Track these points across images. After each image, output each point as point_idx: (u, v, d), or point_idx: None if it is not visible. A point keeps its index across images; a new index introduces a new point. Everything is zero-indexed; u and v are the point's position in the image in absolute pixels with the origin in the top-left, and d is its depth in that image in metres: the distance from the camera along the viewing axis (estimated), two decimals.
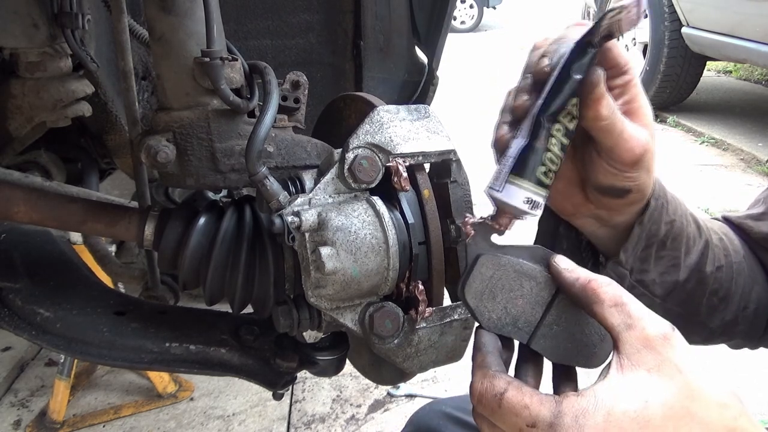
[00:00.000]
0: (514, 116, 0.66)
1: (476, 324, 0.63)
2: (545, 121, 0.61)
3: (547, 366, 0.62)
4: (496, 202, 0.62)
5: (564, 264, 0.58)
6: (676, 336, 0.52)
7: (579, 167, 0.74)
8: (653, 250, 0.77)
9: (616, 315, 0.53)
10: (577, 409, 0.50)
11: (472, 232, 0.62)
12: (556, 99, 0.60)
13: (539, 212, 0.62)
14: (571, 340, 0.61)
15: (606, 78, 0.61)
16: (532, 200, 0.61)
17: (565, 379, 0.61)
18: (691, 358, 0.52)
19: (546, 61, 0.63)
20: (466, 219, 0.63)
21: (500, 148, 0.66)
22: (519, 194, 0.61)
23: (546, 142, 0.61)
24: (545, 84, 0.62)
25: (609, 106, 0.62)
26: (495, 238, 0.64)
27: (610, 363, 0.53)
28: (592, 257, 0.84)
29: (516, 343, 0.63)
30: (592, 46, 0.59)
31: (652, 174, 0.71)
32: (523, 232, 0.72)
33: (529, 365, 0.61)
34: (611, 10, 0.57)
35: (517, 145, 0.62)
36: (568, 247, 0.85)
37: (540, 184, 0.61)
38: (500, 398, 0.53)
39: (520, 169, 0.61)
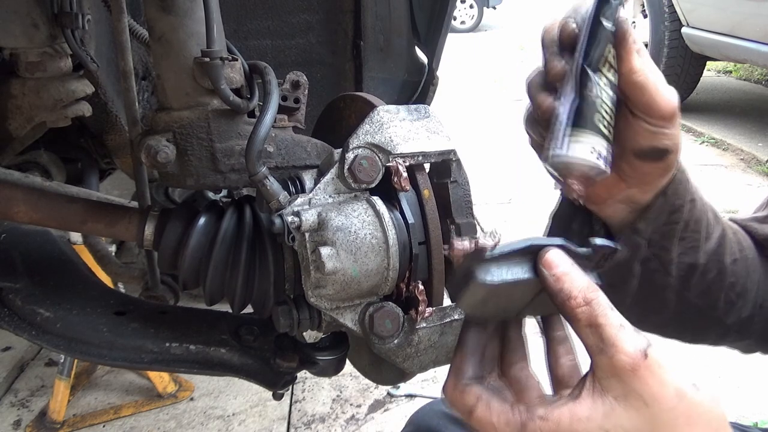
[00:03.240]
0: (552, 82, 0.65)
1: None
2: (590, 71, 0.60)
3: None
4: (561, 164, 0.60)
5: (551, 268, 0.54)
6: (650, 365, 0.49)
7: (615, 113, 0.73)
8: (678, 229, 0.76)
9: (591, 336, 0.51)
10: None
11: (461, 260, 0.59)
12: (595, 48, 0.60)
13: (608, 169, 0.60)
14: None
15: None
16: (597, 150, 0.59)
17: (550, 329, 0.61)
18: (662, 388, 0.49)
19: (571, 22, 0.63)
20: (455, 247, 0.61)
21: (545, 115, 0.64)
22: (584, 147, 0.58)
23: (597, 90, 0.59)
24: (577, 41, 0.61)
25: (640, 58, 0.63)
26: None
27: (584, 382, 0.52)
28: None
29: None
30: None
31: (680, 133, 0.71)
32: (533, 229, 0.71)
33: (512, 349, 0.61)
34: None
35: (566, 104, 0.60)
36: (578, 245, 0.85)
37: (601, 134, 0.59)
38: (469, 414, 0.55)
39: (578, 121, 0.59)
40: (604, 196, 0.76)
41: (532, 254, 0.56)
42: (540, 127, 0.68)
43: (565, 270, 0.54)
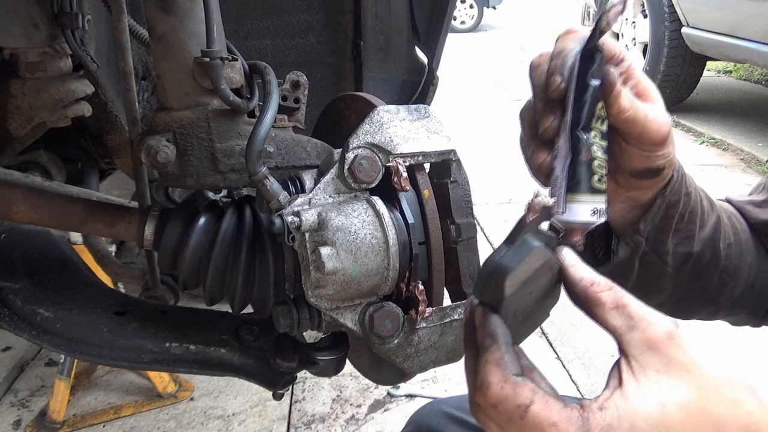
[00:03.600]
0: (545, 138, 0.66)
1: (476, 301, 0.58)
2: (582, 134, 0.62)
3: None
4: (562, 224, 0.63)
5: (569, 260, 0.57)
6: (682, 333, 0.51)
7: (608, 159, 0.74)
8: (673, 222, 0.78)
9: (618, 317, 0.52)
10: (604, 426, 0.49)
11: (536, 214, 0.57)
12: (584, 110, 0.62)
13: (605, 217, 0.63)
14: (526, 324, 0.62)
15: None
16: (596, 209, 0.62)
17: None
18: (700, 354, 0.51)
19: (558, 78, 0.63)
20: (537, 199, 0.57)
21: (544, 173, 0.67)
22: (583, 209, 0.62)
23: (589, 153, 0.62)
24: (565, 100, 0.63)
25: (628, 98, 0.64)
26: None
27: (619, 367, 0.52)
28: (605, 245, 0.85)
29: None
30: (598, 51, 0.61)
31: (675, 146, 0.73)
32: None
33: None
34: (603, 11, 0.59)
35: (561, 164, 0.63)
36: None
37: (597, 191, 0.62)
38: (525, 411, 0.49)
39: (574, 185, 0.62)
40: None
41: (550, 245, 0.57)
42: (538, 175, 0.69)
43: (583, 263, 0.56)
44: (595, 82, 0.61)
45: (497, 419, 0.51)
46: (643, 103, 0.66)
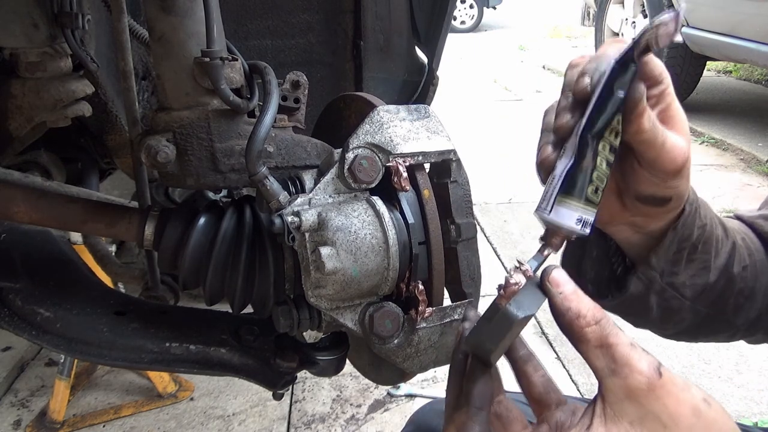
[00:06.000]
0: (557, 136, 0.65)
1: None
2: (591, 140, 0.60)
3: None
4: (546, 223, 0.62)
5: (558, 285, 0.54)
6: (664, 384, 0.48)
7: (617, 177, 0.73)
8: (685, 254, 0.76)
9: (601, 358, 0.50)
10: None
11: (510, 297, 0.56)
12: (601, 117, 0.60)
13: (589, 230, 0.61)
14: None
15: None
16: (582, 219, 0.60)
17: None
18: (679, 410, 0.48)
19: (587, 80, 0.62)
20: (511, 282, 0.56)
21: (546, 169, 0.65)
22: (570, 215, 0.60)
23: (593, 161, 0.60)
24: (587, 103, 0.61)
25: (650, 119, 0.62)
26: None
27: (594, 408, 0.51)
28: (622, 262, 0.83)
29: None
30: (633, 63, 0.59)
31: (689, 181, 0.71)
32: (533, 228, 0.71)
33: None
34: (650, 27, 0.56)
35: (563, 165, 0.61)
36: (597, 254, 0.85)
37: (590, 202, 0.61)
38: None
39: (568, 189, 0.60)
40: (607, 219, 0.77)
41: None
42: (539, 170, 0.68)
43: (572, 288, 0.53)
44: (620, 93, 0.59)
45: None
46: (666, 129, 0.65)
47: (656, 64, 0.62)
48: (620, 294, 0.80)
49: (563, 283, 0.53)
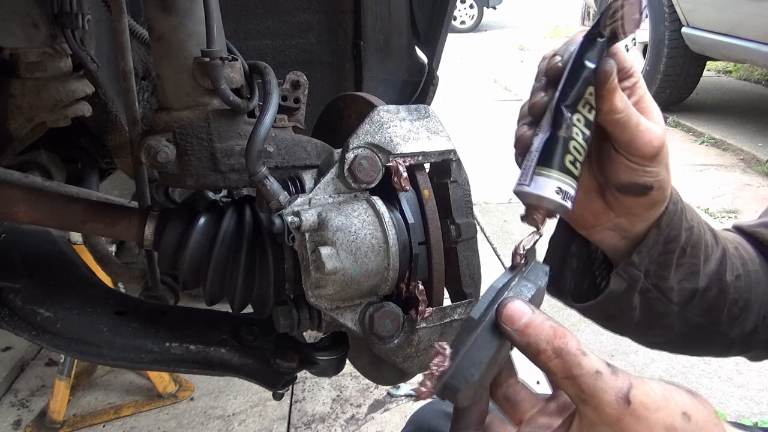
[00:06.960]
0: (532, 115, 0.65)
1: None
2: (565, 111, 0.61)
3: None
4: (526, 197, 0.61)
5: (512, 323, 0.52)
6: (635, 410, 0.48)
7: (597, 174, 0.73)
8: (674, 257, 0.76)
9: (570, 387, 0.50)
10: None
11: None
12: (573, 88, 0.61)
13: (570, 204, 0.61)
14: None
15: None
16: (562, 190, 0.59)
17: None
18: (656, 429, 0.48)
19: (558, 58, 0.64)
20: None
21: (522, 146, 0.65)
22: (549, 184, 0.59)
23: (569, 131, 0.60)
24: (560, 80, 0.62)
25: (623, 99, 0.63)
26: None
27: (570, 425, 0.51)
28: (606, 275, 0.82)
29: None
30: (601, 36, 0.60)
31: (669, 173, 0.71)
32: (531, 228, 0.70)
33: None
34: (613, 2, 0.58)
35: (539, 139, 0.62)
36: (578, 266, 0.84)
37: (568, 173, 0.60)
38: None
39: (546, 159, 0.60)
40: (591, 222, 0.77)
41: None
42: (516, 146, 0.68)
43: (527, 321, 0.51)
44: (590, 64, 0.60)
45: None
46: (640, 114, 0.66)
47: (624, 56, 0.63)
48: (595, 301, 0.79)
49: (517, 317, 0.52)
